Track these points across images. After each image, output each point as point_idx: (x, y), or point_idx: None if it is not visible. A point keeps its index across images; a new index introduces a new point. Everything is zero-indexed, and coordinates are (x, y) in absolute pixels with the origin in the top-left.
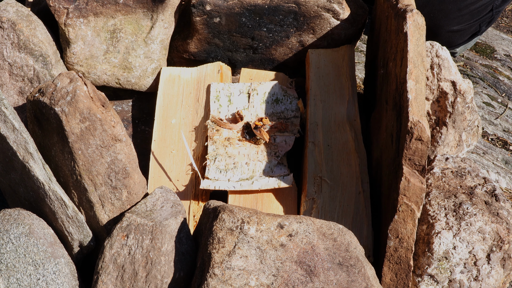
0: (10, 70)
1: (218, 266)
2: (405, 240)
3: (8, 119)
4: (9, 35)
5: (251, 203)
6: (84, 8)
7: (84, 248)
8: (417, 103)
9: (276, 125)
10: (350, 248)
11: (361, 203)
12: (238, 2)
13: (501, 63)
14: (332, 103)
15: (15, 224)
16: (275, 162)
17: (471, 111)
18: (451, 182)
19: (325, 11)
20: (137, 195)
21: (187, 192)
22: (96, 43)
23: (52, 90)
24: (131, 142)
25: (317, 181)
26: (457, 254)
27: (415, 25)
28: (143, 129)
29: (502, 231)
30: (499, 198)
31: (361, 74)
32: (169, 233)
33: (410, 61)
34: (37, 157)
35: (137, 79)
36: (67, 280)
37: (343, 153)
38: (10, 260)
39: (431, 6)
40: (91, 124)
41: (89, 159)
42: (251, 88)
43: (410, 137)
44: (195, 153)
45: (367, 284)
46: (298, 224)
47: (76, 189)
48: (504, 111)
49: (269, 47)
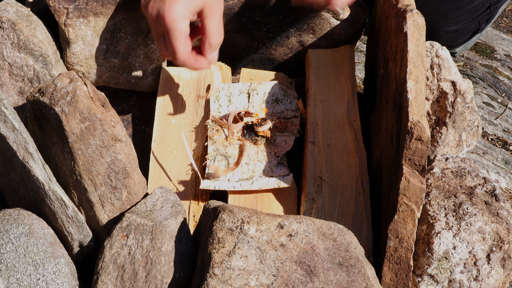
0: (10, 70)
1: (218, 266)
2: (405, 240)
3: (8, 119)
4: (9, 35)
5: (251, 203)
6: (84, 8)
7: (84, 248)
8: (417, 103)
9: (276, 125)
10: (350, 248)
11: (361, 203)
12: (238, 2)
13: (501, 63)
14: (332, 103)
15: (15, 224)
16: (275, 162)
17: (471, 111)
18: (451, 182)
19: (325, 11)
20: (137, 195)
21: (187, 192)
22: (96, 43)
23: (52, 90)
24: (131, 142)
25: (317, 181)
26: (457, 254)
27: (415, 25)
28: (143, 129)
29: (502, 231)
30: (499, 198)
31: (361, 74)
32: (169, 233)
33: (410, 61)
34: (37, 157)
35: (137, 79)
36: (67, 280)
37: (343, 153)
38: (10, 260)
39: (429, 8)
40: (91, 124)
41: (89, 159)
42: (251, 88)
43: (410, 137)
44: (195, 153)
45: (367, 284)
46: (298, 224)
47: (76, 189)
48: (504, 111)
49: (269, 47)
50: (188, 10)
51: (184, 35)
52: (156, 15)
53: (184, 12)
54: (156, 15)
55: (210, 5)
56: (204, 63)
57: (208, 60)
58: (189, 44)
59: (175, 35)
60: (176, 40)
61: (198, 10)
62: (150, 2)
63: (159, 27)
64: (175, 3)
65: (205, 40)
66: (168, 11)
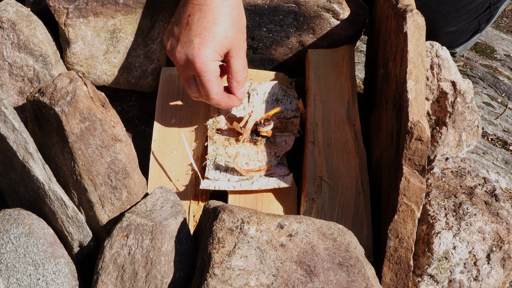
0: (10, 70)
1: (218, 266)
2: (405, 240)
3: (8, 119)
4: (9, 35)
5: (251, 203)
6: (84, 8)
7: (84, 248)
8: (417, 103)
9: (276, 125)
10: (350, 248)
11: (361, 203)
12: None
13: (501, 63)
14: (332, 103)
15: (15, 224)
16: (275, 162)
17: (471, 111)
18: (451, 182)
19: (325, 11)
20: (137, 195)
21: (187, 192)
22: (96, 43)
23: (52, 90)
24: (131, 142)
25: (317, 181)
26: (457, 254)
27: (415, 25)
28: (143, 129)
29: (502, 231)
30: (499, 198)
31: (361, 74)
32: (169, 233)
33: (410, 61)
34: (37, 157)
35: (137, 79)
36: (67, 280)
37: (343, 153)
38: (10, 260)
39: (429, 8)
40: (91, 124)
41: (89, 159)
42: (251, 88)
43: (410, 137)
44: (195, 153)
45: (367, 284)
46: (298, 224)
47: (76, 189)
48: (504, 111)
49: (269, 47)
50: (216, 53)
51: (216, 76)
52: (185, 60)
53: (214, 55)
54: (185, 60)
55: (236, 46)
56: (236, 100)
57: (238, 96)
58: (221, 85)
59: (208, 77)
60: (209, 82)
61: (226, 51)
62: (177, 47)
63: (189, 71)
64: (204, 47)
65: (232, 78)
66: (198, 55)
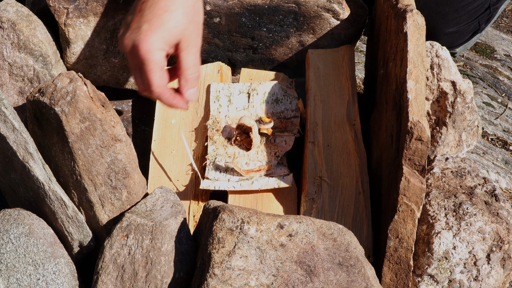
0: (10, 70)
1: (218, 266)
2: (405, 240)
3: (8, 119)
4: (9, 35)
5: (251, 203)
6: (84, 8)
7: (84, 248)
8: (417, 103)
9: (276, 125)
10: (350, 248)
11: (361, 203)
12: (238, 2)
13: (501, 63)
14: (332, 103)
15: (15, 224)
16: (275, 162)
17: (471, 111)
18: (451, 182)
19: (325, 11)
20: (137, 195)
21: (187, 192)
22: (96, 43)
23: (52, 90)
24: (131, 142)
25: (317, 181)
26: (457, 254)
27: (415, 25)
28: (143, 129)
29: (502, 231)
30: (499, 198)
31: (361, 74)
32: (169, 233)
33: (410, 61)
34: (37, 157)
35: None
36: (67, 280)
37: (343, 153)
38: (10, 260)
39: (429, 9)
40: (91, 124)
41: (89, 159)
42: (251, 88)
43: (410, 137)
44: (195, 153)
45: (367, 284)
46: (298, 224)
47: (76, 189)
48: (504, 111)
49: (269, 47)
50: (164, 42)
51: (159, 66)
52: (131, 47)
53: (160, 43)
54: (132, 46)
55: (187, 38)
56: (181, 102)
57: (186, 97)
58: (164, 77)
59: (150, 66)
60: (151, 72)
61: (175, 42)
62: (126, 33)
63: (134, 59)
64: (150, 33)
65: (180, 75)
66: (143, 41)
